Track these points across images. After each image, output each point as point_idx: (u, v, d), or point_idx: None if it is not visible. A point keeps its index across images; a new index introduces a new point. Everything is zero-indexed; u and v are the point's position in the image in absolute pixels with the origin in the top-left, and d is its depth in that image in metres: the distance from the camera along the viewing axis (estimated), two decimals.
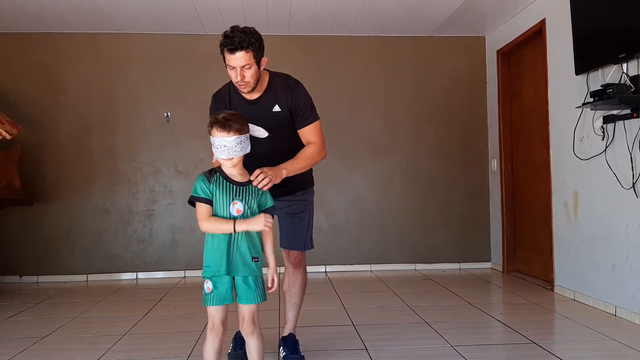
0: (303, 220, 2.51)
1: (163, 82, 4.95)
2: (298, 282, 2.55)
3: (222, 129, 1.90)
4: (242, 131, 1.93)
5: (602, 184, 3.33)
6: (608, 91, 2.98)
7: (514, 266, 4.77)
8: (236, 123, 1.92)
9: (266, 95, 2.32)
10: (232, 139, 1.90)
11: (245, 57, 2.12)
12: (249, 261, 1.94)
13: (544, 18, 4.01)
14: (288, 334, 2.55)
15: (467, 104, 5.16)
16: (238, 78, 2.17)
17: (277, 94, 2.32)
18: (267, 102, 2.31)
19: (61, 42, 4.90)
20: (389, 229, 5.08)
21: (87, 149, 4.88)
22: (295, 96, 2.33)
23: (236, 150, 1.91)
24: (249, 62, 2.13)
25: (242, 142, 1.93)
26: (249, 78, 2.18)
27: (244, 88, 2.22)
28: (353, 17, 4.61)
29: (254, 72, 2.18)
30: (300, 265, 2.54)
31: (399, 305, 3.60)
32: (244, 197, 1.96)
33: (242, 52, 2.11)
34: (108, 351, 2.68)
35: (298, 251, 2.50)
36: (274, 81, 2.34)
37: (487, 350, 2.63)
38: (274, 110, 2.31)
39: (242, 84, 2.19)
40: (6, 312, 3.60)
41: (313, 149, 2.32)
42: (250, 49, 2.12)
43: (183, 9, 4.33)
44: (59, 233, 4.83)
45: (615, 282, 3.22)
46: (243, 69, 2.14)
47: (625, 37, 2.95)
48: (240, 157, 1.96)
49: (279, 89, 2.33)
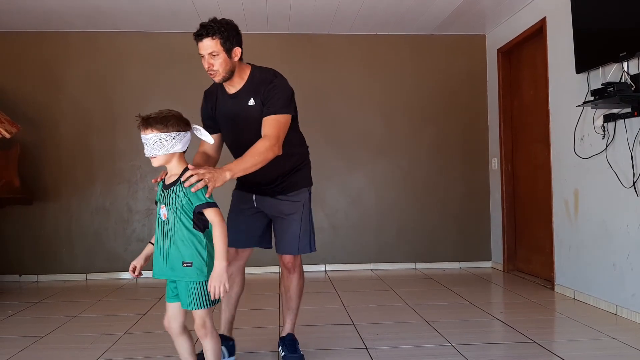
0: (293, 223, 2.41)
1: (163, 81, 4.94)
2: (293, 286, 2.51)
3: (141, 126, 1.84)
4: (164, 130, 1.83)
5: (603, 182, 3.32)
6: (609, 90, 2.97)
7: (514, 265, 4.76)
8: (158, 122, 1.83)
9: (245, 88, 2.27)
10: (149, 137, 1.82)
11: (212, 44, 2.12)
12: (181, 266, 1.86)
13: (544, 16, 4.00)
14: (286, 334, 2.55)
15: (467, 102, 5.15)
16: (207, 65, 2.15)
17: (254, 88, 2.26)
18: (245, 96, 2.26)
19: (60, 40, 4.89)
20: (389, 228, 5.08)
21: (87, 148, 4.87)
22: (270, 87, 2.24)
23: (155, 148, 1.83)
24: (216, 49, 2.12)
25: (164, 140, 1.82)
26: (218, 67, 2.15)
27: (214, 77, 2.19)
28: (353, 16, 4.60)
29: (223, 60, 2.15)
30: (294, 270, 2.48)
31: (399, 304, 3.60)
32: (167, 200, 1.88)
33: (209, 39, 2.12)
34: (108, 350, 2.67)
35: (290, 255, 2.44)
36: (254, 75, 2.29)
37: (487, 349, 2.62)
38: (249, 104, 2.25)
39: (212, 72, 2.16)
40: (6, 311, 3.59)
41: (262, 145, 2.10)
42: (217, 37, 2.12)
43: (183, 7, 4.32)
44: (59, 232, 4.83)
45: (616, 281, 3.22)
46: (211, 56, 2.13)
47: (625, 35, 2.95)
48: (165, 157, 1.86)
49: (257, 83, 2.27)
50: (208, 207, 1.86)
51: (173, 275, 1.89)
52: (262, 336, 2.85)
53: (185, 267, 1.86)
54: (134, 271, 1.98)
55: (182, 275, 1.87)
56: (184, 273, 1.86)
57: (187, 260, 1.86)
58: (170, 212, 1.87)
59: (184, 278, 1.87)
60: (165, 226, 1.89)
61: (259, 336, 2.86)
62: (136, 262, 1.99)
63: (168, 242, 1.88)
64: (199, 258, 1.87)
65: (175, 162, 1.90)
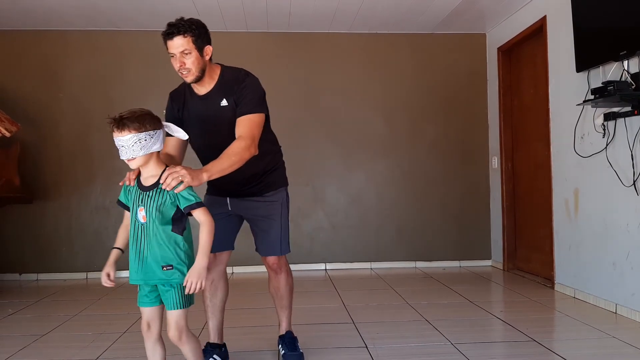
0: (274, 223, 2.38)
1: (162, 79, 4.92)
2: (282, 286, 2.50)
3: (117, 128, 1.77)
4: (142, 129, 1.77)
5: (603, 181, 3.32)
6: (609, 88, 2.97)
7: (514, 264, 4.76)
8: (134, 122, 1.77)
9: (216, 89, 2.22)
10: (127, 138, 1.75)
11: (184, 42, 2.07)
12: (161, 269, 1.82)
13: (544, 15, 3.99)
14: (285, 332, 2.54)
15: (467, 101, 5.15)
16: (178, 65, 2.10)
17: (226, 88, 2.21)
18: (216, 96, 2.21)
19: (60, 39, 4.89)
20: (389, 226, 5.08)
21: (87, 146, 4.87)
22: (242, 87, 2.19)
23: (134, 149, 1.76)
24: (188, 47, 2.07)
25: (142, 140, 1.76)
26: (190, 65, 2.10)
27: (187, 77, 2.13)
28: (353, 15, 4.59)
29: (195, 58, 2.10)
30: (281, 270, 2.47)
31: (399, 303, 3.60)
32: (146, 202, 1.83)
33: (180, 37, 2.07)
34: (108, 349, 2.68)
35: (274, 256, 2.42)
36: (225, 75, 2.25)
37: (487, 347, 2.62)
38: (221, 104, 2.18)
39: (184, 71, 2.11)
40: (6, 309, 3.60)
41: (238, 145, 2.05)
42: (188, 35, 2.07)
43: (182, 6, 4.31)
44: (59, 231, 4.83)
45: (616, 280, 3.22)
46: (182, 54, 2.08)
47: (626, 34, 2.94)
48: (144, 158, 1.80)
49: (228, 83, 2.22)
50: (198, 207, 1.84)
51: (153, 280, 1.84)
52: (261, 335, 2.85)
53: (166, 270, 1.82)
54: (109, 278, 1.89)
55: (164, 278, 1.83)
56: (165, 275, 1.83)
57: (167, 263, 1.83)
58: (150, 215, 1.82)
59: (164, 281, 1.84)
60: (143, 229, 1.83)
61: (259, 335, 2.86)
62: (109, 270, 1.90)
63: (145, 245, 1.83)
64: (179, 261, 1.84)
65: (153, 163, 1.85)
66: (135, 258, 1.85)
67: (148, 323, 1.92)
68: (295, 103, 4.97)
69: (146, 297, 1.89)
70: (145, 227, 1.83)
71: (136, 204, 1.85)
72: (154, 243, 1.82)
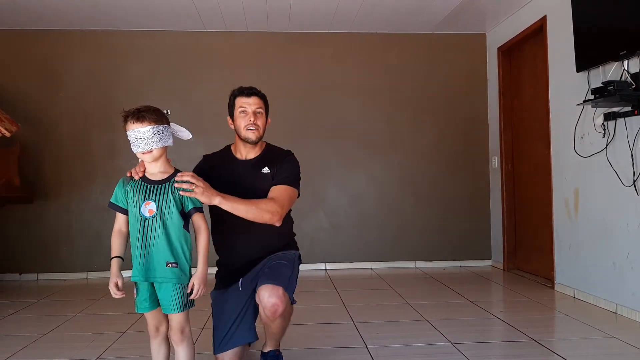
0: (283, 265, 2.19)
1: (163, 79, 4.94)
2: (276, 328, 2.20)
3: (135, 120, 1.80)
4: (159, 122, 1.83)
5: (603, 181, 3.32)
6: (609, 88, 2.97)
7: (514, 264, 4.76)
8: (152, 114, 1.82)
9: (261, 156, 2.31)
10: (147, 129, 1.79)
11: (260, 102, 2.25)
12: (164, 267, 1.82)
13: (544, 15, 3.99)
14: (269, 351, 2.32)
15: (467, 101, 5.15)
16: (248, 121, 2.21)
17: (270, 158, 2.30)
18: (260, 162, 2.28)
19: (60, 39, 4.89)
20: (390, 226, 5.08)
21: (87, 146, 4.87)
22: (285, 160, 2.29)
23: (154, 141, 1.80)
24: (262, 108, 2.25)
25: (160, 132, 1.82)
26: (260, 124, 2.24)
27: (253, 133, 2.22)
28: (353, 14, 4.59)
29: (263, 121, 2.27)
30: (277, 316, 2.06)
31: (399, 302, 3.60)
32: (156, 196, 1.84)
33: (257, 97, 2.25)
34: (108, 349, 2.67)
35: (280, 289, 2.04)
36: (270, 148, 2.37)
37: (487, 348, 2.62)
38: (262, 171, 2.25)
39: (252, 127, 2.21)
40: (6, 309, 3.60)
41: (267, 203, 2.09)
42: (263, 99, 2.27)
43: (182, 6, 4.31)
44: (59, 231, 4.83)
45: (616, 280, 3.22)
46: (255, 113, 2.23)
47: (626, 34, 2.94)
48: (160, 151, 1.85)
49: (273, 154, 2.33)
50: (199, 211, 1.90)
51: (161, 277, 1.83)
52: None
53: (171, 267, 1.82)
54: (118, 288, 1.86)
55: (167, 277, 1.83)
56: (171, 273, 1.83)
57: (173, 260, 1.83)
58: (159, 209, 1.83)
59: (167, 280, 1.83)
60: (150, 224, 1.83)
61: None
62: (117, 280, 1.86)
63: (151, 240, 1.83)
64: (184, 259, 1.86)
65: (164, 159, 1.90)
66: (140, 254, 1.84)
67: (156, 326, 1.92)
68: (296, 103, 4.97)
69: (145, 301, 1.88)
70: (152, 222, 1.83)
71: (141, 198, 1.85)
72: (160, 237, 1.83)
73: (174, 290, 1.84)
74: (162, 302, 1.87)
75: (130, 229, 1.89)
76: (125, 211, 1.90)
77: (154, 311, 1.90)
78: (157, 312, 1.90)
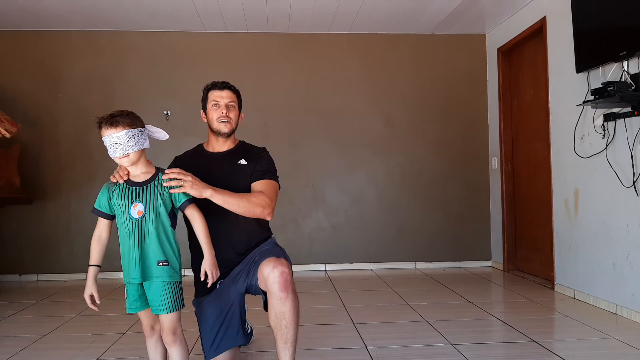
0: (271, 245, 2.25)
1: (162, 80, 4.94)
2: (288, 312, 1.97)
3: (109, 126, 1.79)
4: (134, 125, 1.83)
5: (603, 182, 3.32)
6: (609, 89, 2.97)
7: (514, 265, 4.76)
8: (125, 118, 1.82)
9: (236, 148, 2.34)
10: (121, 134, 1.79)
11: (232, 96, 2.29)
12: (155, 265, 1.83)
13: (544, 16, 4.00)
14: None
15: (467, 101, 5.15)
16: (220, 114, 2.24)
17: (246, 151, 2.33)
18: (235, 154, 2.30)
19: (60, 39, 4.89)
20: (389, 227, 5.08)
21: (86, 147, 4.87)
22: (261, 156, 2.32)
23: (129, 145, 1.80)
24: (234, 102, 2.29)
25: (136, 136, 1.82)
26: (232, 117, 2.27)
27: (226, 126, 2.25)
28: (353, 15, 4.59)
29: (236, 115, 2.30)
30: (288, 287, 1.97)
31: (399, 303, 3.60)
32: (143, 197, 1.85)
33: (230, 91, 2.29)
34: (108, 350, 2.67)
35: (284, 262, 2.01)
36: (245, 144, 2.40)
37: (487, 348, 2.62)
38: (239, 162, 2.27)
39: (224, 120, 2.24)
40: (6, 310, 3.60)
41: (257, 197, 2.09)
42: (235, 93, 2.32)
43: (182, 6, 4.31)
44: (59, 231, 4.83)
45: (616, 280, 3.22)
46: (228, 106, 2.26)
47: (626, 35, 2.95)
48: (137, 154, 1.85)
49: (249, 149, 2.36)
50: (190, 203, 1.92)
51: (151, 277, 1.85)
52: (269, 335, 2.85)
53: (162, 266, 1.84)
54: (93, 301, 1.87)
55: (157, 276, 1.84)
56: (162, 271, 1.84)
57: (164, 258, 1.85)
58: (148, 210, 1.85)
59: (158, 279, 1.84)
60: (139, 225, 1.85)
61: (267, 335, 2.86)
62: (92, 291, 1.87)
63: (141, 241, 1.84)
64: (174, 256, 1.88)
65: (143, 160, 1.91)
66: (135, 256, 1.84)
67: (151, 325, 1.93)
68: (296, 103, 4.97)
69: (136, 301, 1.89)
70: (140, 223, 1.85)
71: (129, 201, 1.86)
72: (151, 237, 1.84)
73: (163, 290, 1.85)
74: (151, 303, 1.87)
75: (120, 233, 1.89)
76: (109, 217, 1.91)
77: (147, 310, 1.91)
78: (149, 310, 1.92)
